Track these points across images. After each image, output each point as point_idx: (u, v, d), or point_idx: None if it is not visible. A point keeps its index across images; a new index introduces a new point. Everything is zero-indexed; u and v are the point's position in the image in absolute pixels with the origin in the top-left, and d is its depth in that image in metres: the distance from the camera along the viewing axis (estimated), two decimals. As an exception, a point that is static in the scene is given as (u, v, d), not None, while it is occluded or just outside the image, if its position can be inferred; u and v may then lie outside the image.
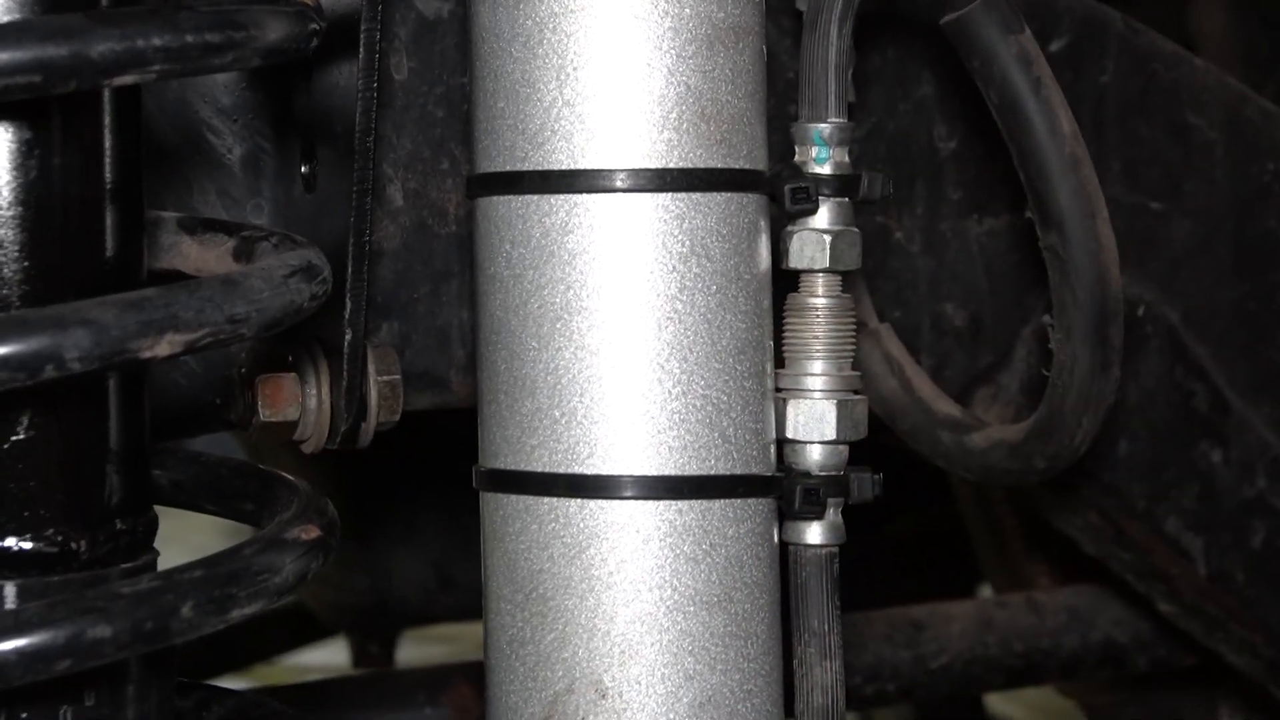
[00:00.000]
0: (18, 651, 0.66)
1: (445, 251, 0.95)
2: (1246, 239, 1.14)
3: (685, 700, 0.80)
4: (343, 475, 1.09)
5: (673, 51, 0.80)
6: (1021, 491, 1.20)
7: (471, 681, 1.24)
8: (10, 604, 0.71)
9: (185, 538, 0.83)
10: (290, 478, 0.82)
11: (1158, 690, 1.53)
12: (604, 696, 0.80)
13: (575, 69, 0.80)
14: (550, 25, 0.80)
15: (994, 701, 2.56)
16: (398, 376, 0.90)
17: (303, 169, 0.92)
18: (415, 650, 1.74)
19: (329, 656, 1.64)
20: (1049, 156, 0.91)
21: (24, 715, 0.71)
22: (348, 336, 0.85)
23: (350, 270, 0.83)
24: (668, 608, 0.80)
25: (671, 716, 0.80)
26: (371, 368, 0.89)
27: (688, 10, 0.80)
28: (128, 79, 0.69)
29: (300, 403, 0.89)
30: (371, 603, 1.59)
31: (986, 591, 1.73)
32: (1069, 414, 0.94)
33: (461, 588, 1.52)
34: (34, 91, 0.67)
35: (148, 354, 0.67)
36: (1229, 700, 1.50)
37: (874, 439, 0.88)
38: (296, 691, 1.27)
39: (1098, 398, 0.93)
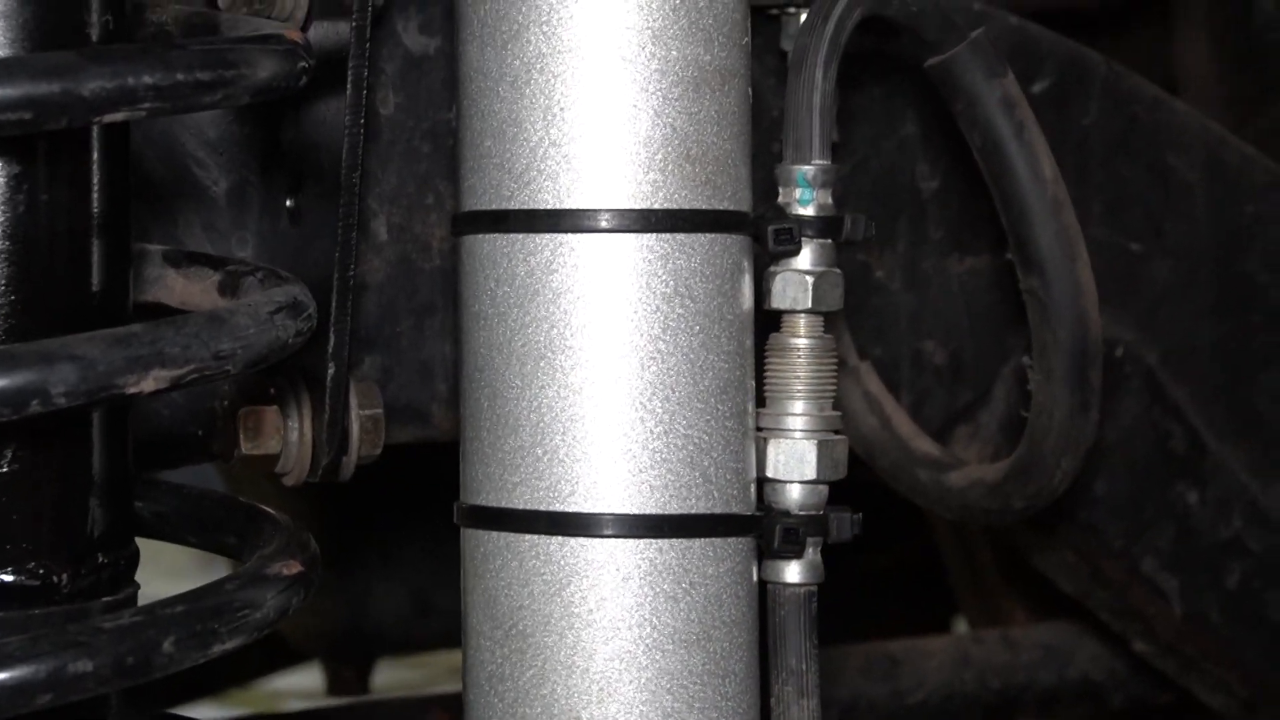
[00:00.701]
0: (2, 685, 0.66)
1: (429, 286, 0.95)
2: (1226, 281, 1.15)
3: None
4: (323, 503, 1.09)
5: (659, 93, 0.80)
6: (999, 529, 1.19)
7: (449, 711, 1.24)
8: None
9: (158, 559, 0.83)
10: (272, 512, 0.82)
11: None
12: None
13: (562, 109, 0.80)
14: (538, 66, 0.80)
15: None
16: (380, 410, 0.90)
17: (288, 203, 0.92)
18: (390, 676, 1.73)
19: (304, 681, 1.64)
20: (1031, 200, 0.91)
21: None
22: (331, 370, 0.85)
23: (335, 304, 0.83)
24: (646, 646, 0.80)
25: None
26: (354, 401, 0.89)
27: (674, 53, 0.80)
28: (118, 116, 0.69)
29: (282, 436, 0.89)
30: (347, 629, 1.59)
31: (962, 626, 1.73)
32: (1048, 455, 0.94)
33: (438, 615, 1.52)
34: (25, 128, 0.67)
35: (133, 390, 0.67)
36: None
37: (853, 475, 0.89)
38: None
39: (1077, 439, 0.94)
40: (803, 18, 0.88)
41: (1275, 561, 1.17)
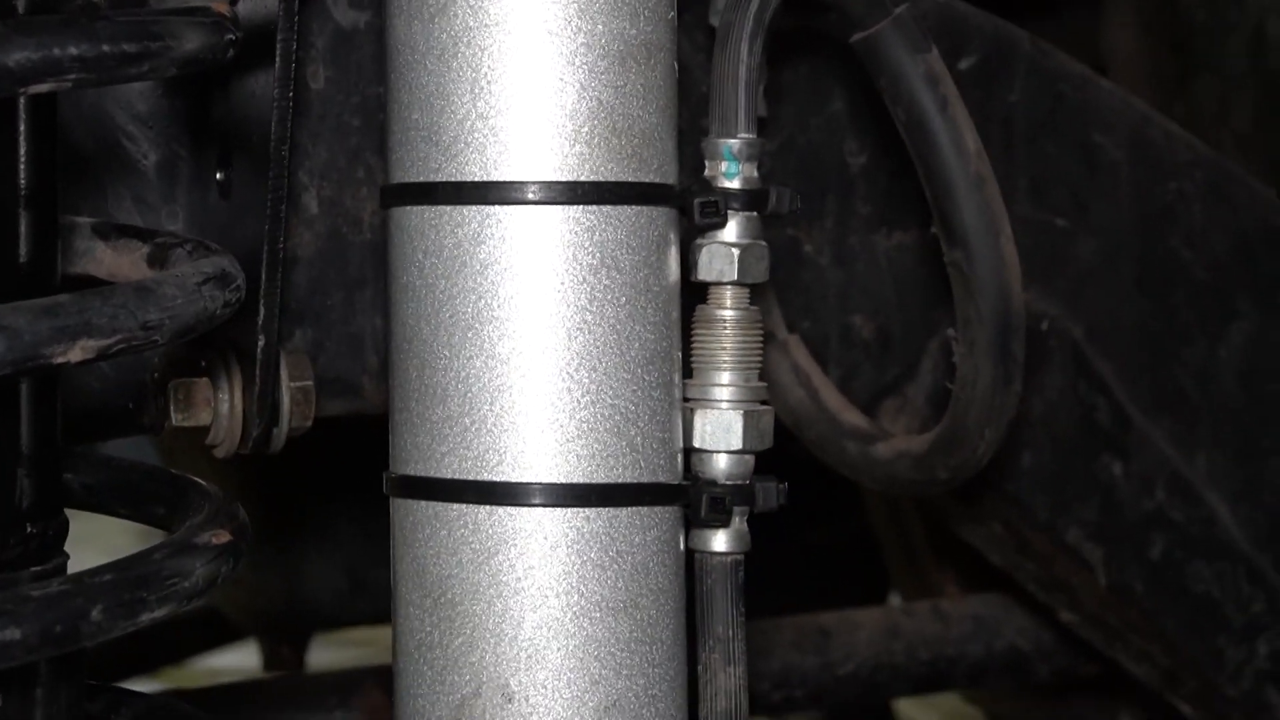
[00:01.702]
0: None
1: (359, 259, 0.95)
2: (1150, 257, 1.15)
3: (590, 705, 0.80)
4: (256, 479, 1.09)
5: (585, 67, 0.80)
6: (929, 502, 1.21)
7: (383, 685, 1.23)
8: None
9: (103, 539, 0.83)
10: (202, 482, 0.82)
11: (1060, 698, 1.55)
12: (510, 701, 0.80)
13: (489, 82, 0.80)
14: (465, 39, 0.80)
15: (903, 707, 2.58)
16: (310, 382, 0.90)
17: (218, 176, 0.92)
18: (327, 654, 1.74)
19: (240, 660, 1.64)
20: (954, 175, 0.92)
21: None
22: (261, 342, 0.85)
23: (265, 277, 0.83)
24: (574, 613, 0.80)
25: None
26: (285, 373, 0.89)
27: (600, 27, 0.80)
28: (44, 88, 0.69)
29: (213, 407, 0.89)
30: (283, 606, 1.58)
31: (894, 598, 1.74)
32: (972, 426, 0.95)
33: (374, 592, 1.51)
34: None
35: (60, 360, 0.68)
36: (1129, 709, 1.51)
37: (784, 449, 0.89)
38: (207, 694, 1.26)
39: (1000, 411, 0.94)
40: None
41: (1197, 533, 1.17)
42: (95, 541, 0.86)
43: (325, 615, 1.64)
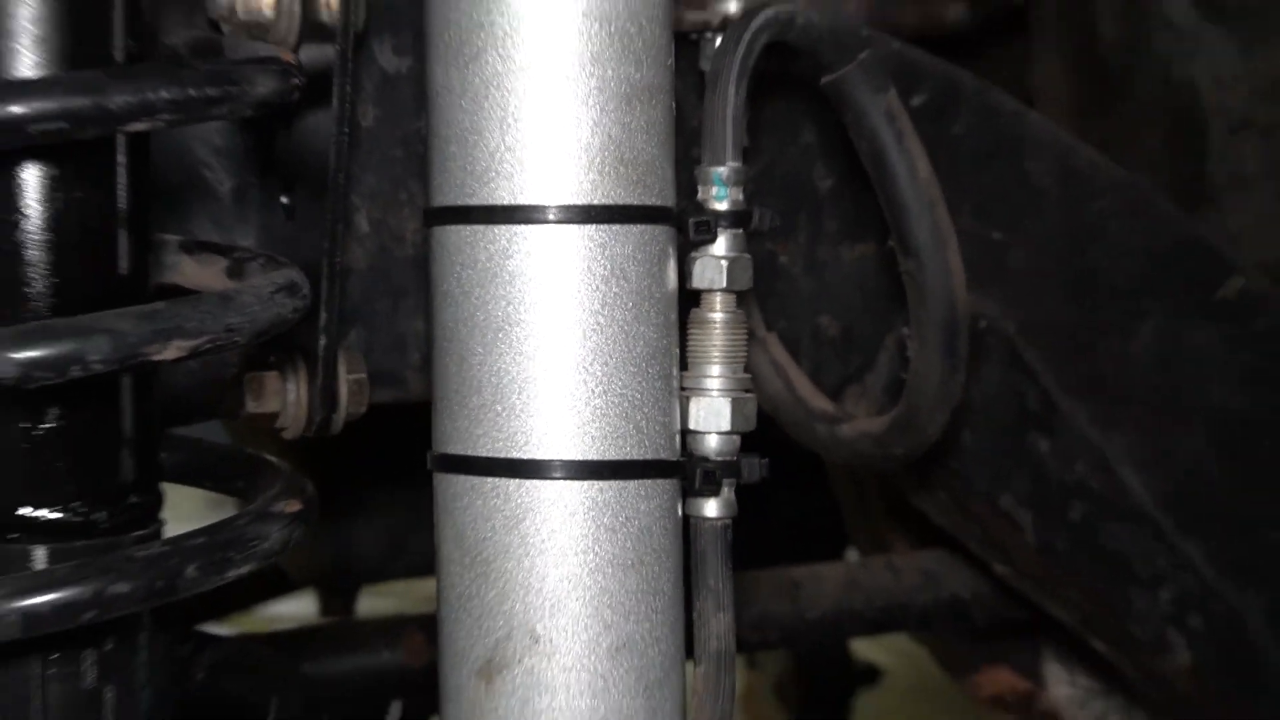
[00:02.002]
0: (49, 605, 0.67)
1: (403, 271, 0.94)
2: (1074, 266, 1.16)
3: (604, 645, 0.81)
4: (312, 457, 1.09)
5: (598, 107, 0.80)
6: (884, 473, 1.22)
7: (423, 630, 1.23)
8: (41, 565, 0.72)
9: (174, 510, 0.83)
10: (275, 460, 0.84)
11: (994, 639, 1.55)
12: (537, 642, 0.80)
13: (516, 120, 0.80)
14: (495, 83, 0.80)
15: (860, 647, 2.57)
16: (364, 375, 0.90)
17: (283, 200, 0.92)
18: (371, 603, 1.74)
19: (298, 608, 1.64)
20: (909, 198, 0.92)
21: (54, 658, 0.72)
22: (322, 342, 0.85)
23: (325, 286, 0.84)
24: (590, 569, 0.81)
25: (593, 659, 0.80)
26: (342, 368, 0.89)
27: (610, 72, 0.80)
28: (139, 127, 0.70)
29: (282, 397, 0.89)
30: (335, 562, 1.58)
31: (853, 555, 1.73)
32: (923, 410, 0.96)
33: (410, 551, 1.51)
34: (61, 136, 0.68)
35: (157, 357, 0.69)
36: (1052, 647, 1.52)
37: (764, 430, 0.90)
38: (273, 638, 1.26)
39: (947, 397, 0.95)
40: (718, 42, 0.89)
41: (1111, 499, 1.18)
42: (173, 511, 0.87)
43: (370, 570, 1.63)
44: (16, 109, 0.66)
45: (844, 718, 2.73)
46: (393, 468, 1.05)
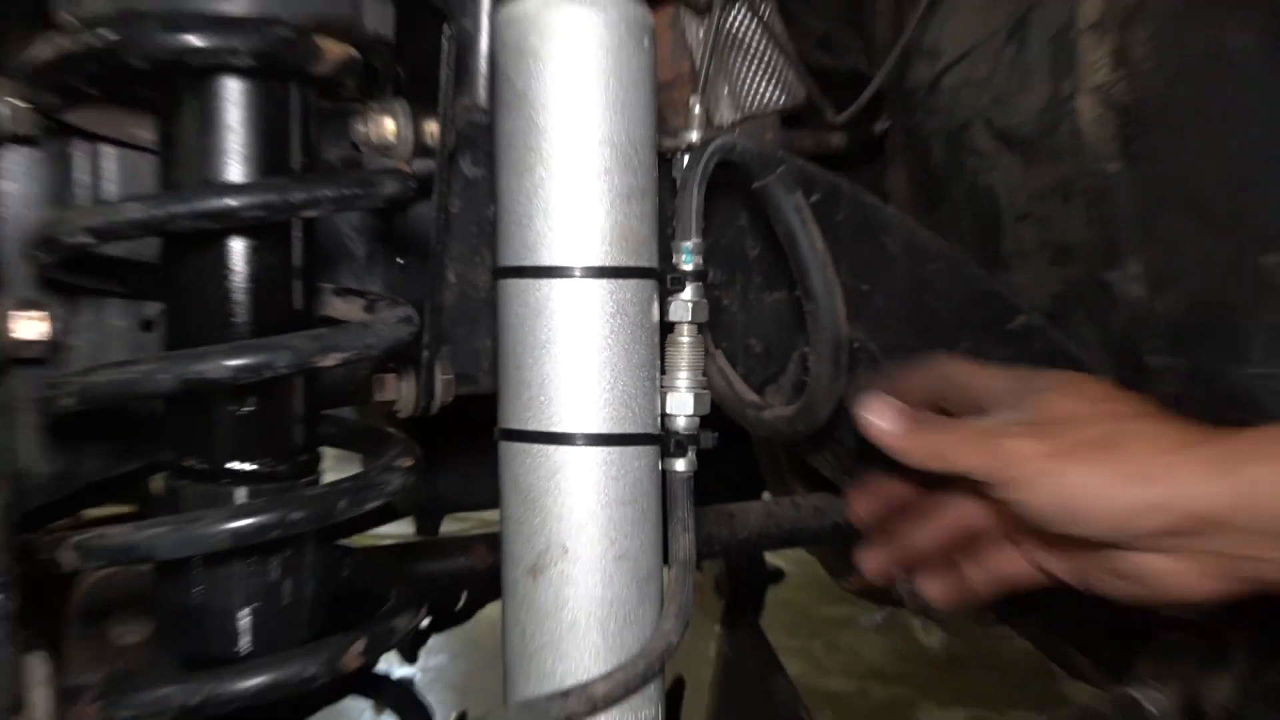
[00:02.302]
0: (249, 526, 0.68)
1: (477, 308, 0.94)
2: (915, 306, 1.15)
3: (611, 555, 0.80)
4: (416, 428, 1.10)
5: (609, 202, 0.80)
6: (790, 442, 1.20)
7: (486, 543, 1.22)
8: (243, 500, 0.72)
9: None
10: (394, 431, 0.84)
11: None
12: (566, 552, 0.80)
13: (556, 210, 0.80)
14: (542, 186, 0.80)
15: (771, 557, 2.57)
16: (451, 377, 0.91)
17: (399, 261, 0.92)
18: (448, 526, 1.74)
19: (400, 529, 1.64)
20: (809, 262, 0.92)
21: (251, 561, 0.72)
22: (425, 354, 0.86)
23: (427, 318, 0.84)
24: (601, 505, 0.80)
25: (603, 563, 0.80)
26: (438, 372, 0.89)
27: (616, 180, 0.80)
28: (310, 213, 0.71)
29: (398, 390, 0.89)
30: (426, 498, 1.57)
31: (767, 496, 1.73)
32: (818, 403, 0.96)
33: (477, 490, 1.50)
34: (259, 219, 0.69)
35: (320, 365, 0.70)
36: None
37: (715, 415, 0.90)
38: (384, 549, 1.26)
39: (833, 394, 0.95)
40: (685, 160, 0.89)
41: (833, 464, 1.18)
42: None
43: (449, 504, 1.63)
44: (232, 202, 0.67)
45: (759, 604, 2.73)
46: (465, 436, 1.05)
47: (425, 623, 1.64)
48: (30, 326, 0.76)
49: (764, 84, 1.32)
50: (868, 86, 1.54)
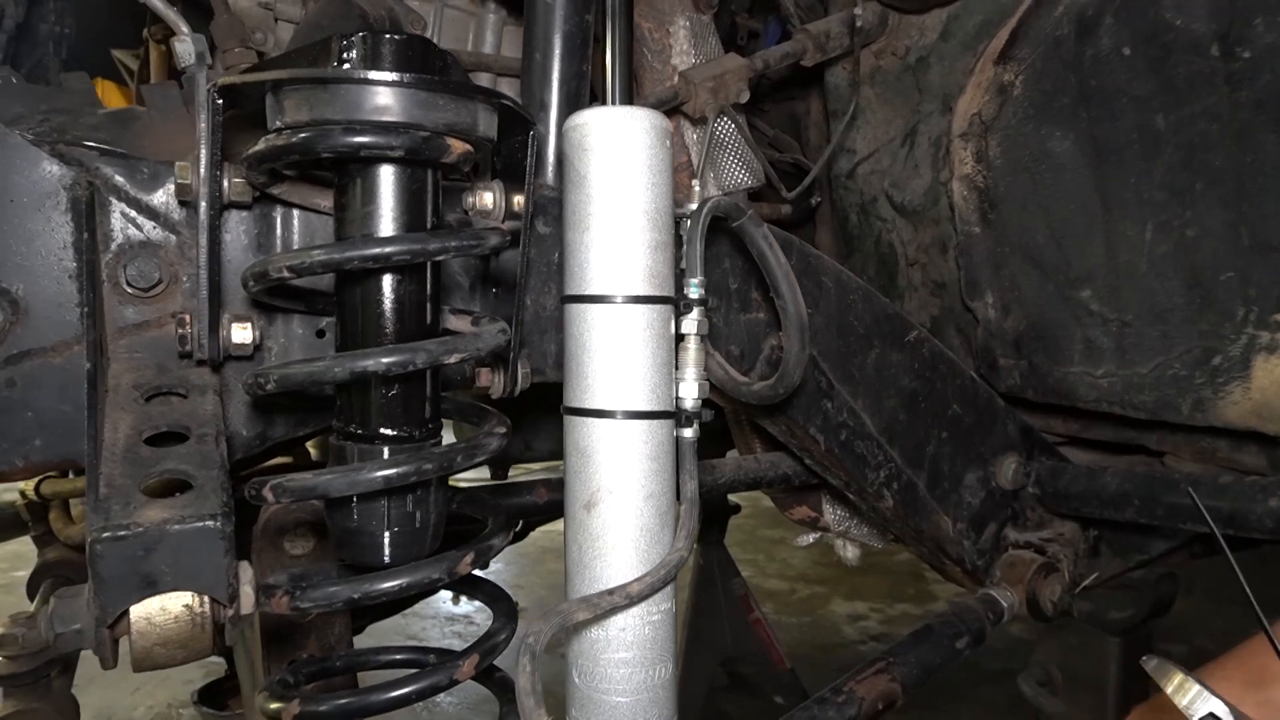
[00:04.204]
0: (396, 473, 0.66)
1: (545, 323, 0.93)
2: (842, 323, 1.14)
3: (642, 494, 0.79)
4: (500, 405, 1.08)
5: (641, 251, 0.79)
6: (752, 412, 1.15)
7: (546, 485, 1.21)
8: (387, 456, 0.70)
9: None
10: (490, 408, 0.82)
11: (799, 492, 1.50)
12: (612, 493, 0.78)
13: (608, 255, 0.78)
14: (596, 240, 0.78)
15: (734, 497, 2.56)
16: (528, 370, 0.89)
17: (493, 290, 0.91)
18: (514, 472, 1.73)
19: (477, 474, 1.63)
20: (777, 271, 0.91)
21: (394, 498, 0.71)
22: (511, 354, 0.84)
23: (514, 330, 0.82)
24: (635, 459, 0.79)
25: (637, 500, 0.78)
26: (519, 367, 0.87)
27: (649, 235, 0.79)
28: (439, 258, 0.70)
29: (491, 379, 0.88)
30: (499, 454, 1.55)
31: (734, 454, 1.71)
32: (790, 369, 0.93)
33: (535, 449, 1.50)
34: (404, 263, 0.68)
35: (446, 361, 0.68)
36: (827, 496, 1.50)
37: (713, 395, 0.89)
38: (477, 489, 1.24)
39: (801, 361, 0.93)
40: (688, 223, 0.87)
41: (857, 429, 1.15)
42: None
43: (515, 458, 1.60)
44: (385, 250, 0.66)
45: (723, 528, 2.73)
46: (530, 410, 1.03)
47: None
48: (241, 333, 0.75)
49: (738, 170, 1.32)
50: (805, 174, 1.54)
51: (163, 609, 0.59)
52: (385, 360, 0.65)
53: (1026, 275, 1.27)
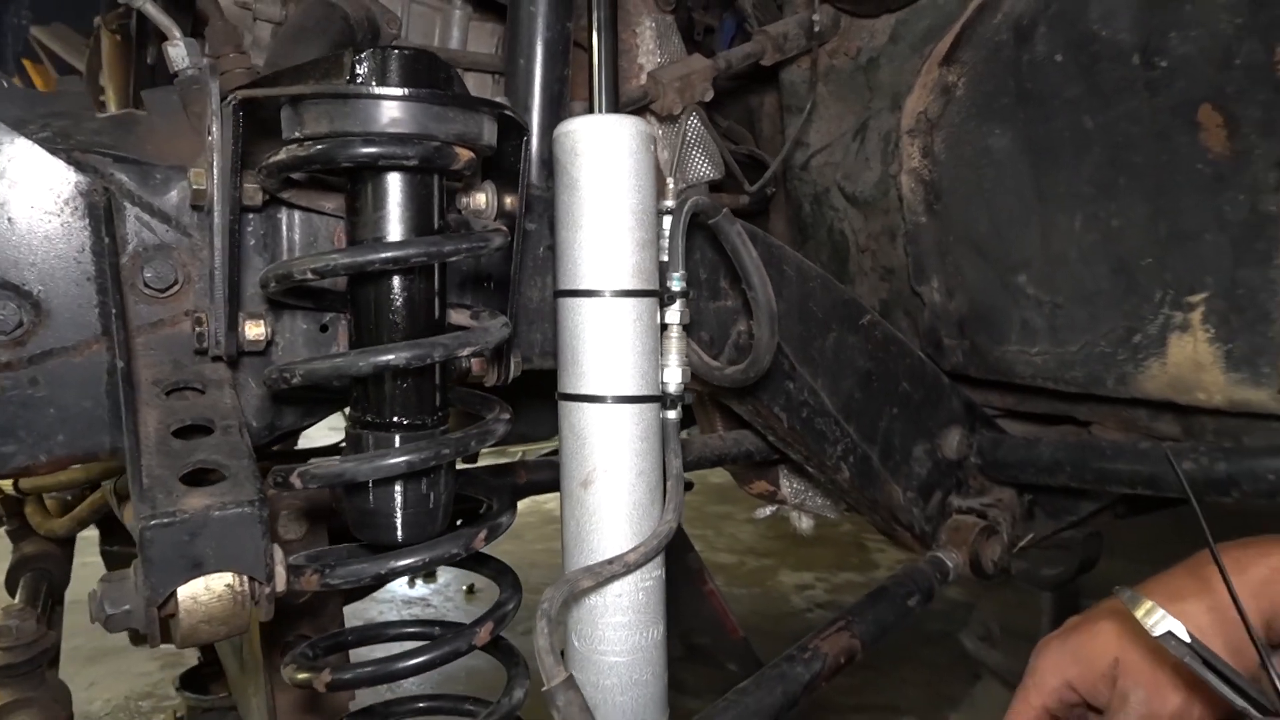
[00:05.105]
0: (418, 458, 0.69)
1: (534, 314, 0.95)
2: (802, 309, 1.18)
3: (634, 472, 0.83)
4: (499, 392, 1.09)
5: (629, 247, 0.83)
6: (720, 393, 1.17)
7: (524, 468, 1.22)
8: (399, 444, 0.73)
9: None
10: (493, 396, 0.85)
11: (758, 468, 1.56)
12: (607, 471, 0.82)
13: (598, 251, 0.82)
14: (588, 238, 0.82)
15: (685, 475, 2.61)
16: (519, 359, 0.92)
17: (487, 284, 0.92)
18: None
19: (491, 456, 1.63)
20: (749, 264, 0.94)
21: (411, 479, 0.73)
22: (506, 347, 0.88)
23: (511, 321, 0.86)
24: (626, 440, 0.83)
25: (629, 477, 0.82)
26: (512, 356, 0.91)
27: (635, 233, 0.83)
28: (445, 259, 0.72)
29: (485, 368, 0.90)
30: (511, 434, 1.55)
31: (695, 432, 1.73)
32: (760, 356, 0.97)
33: (544, 429, 1.44)
34: (415, 264, 0.71)
35: (459, 355, 0.72)
36: (784, 471, 1.56)
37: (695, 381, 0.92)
38: (474, 470, 1.26)
39: (770, 347, 0.96)
40: (669, 216, 0.91)
41: (817, 408, 1.21)
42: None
43: (525, 438, 1.58)
44: (404, 252, 0.69)
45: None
46: (529, 394, 1.05)
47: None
48: (255, 330, 0.78)
49: (702, 163, 1.38)
50: (758, 165, 1.60)
51: (207, 588, 0.63)
52: (406, 354, 0.68)
53: (969, 262, 1.35)
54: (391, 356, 0.68)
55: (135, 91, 1.14)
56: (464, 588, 4.06)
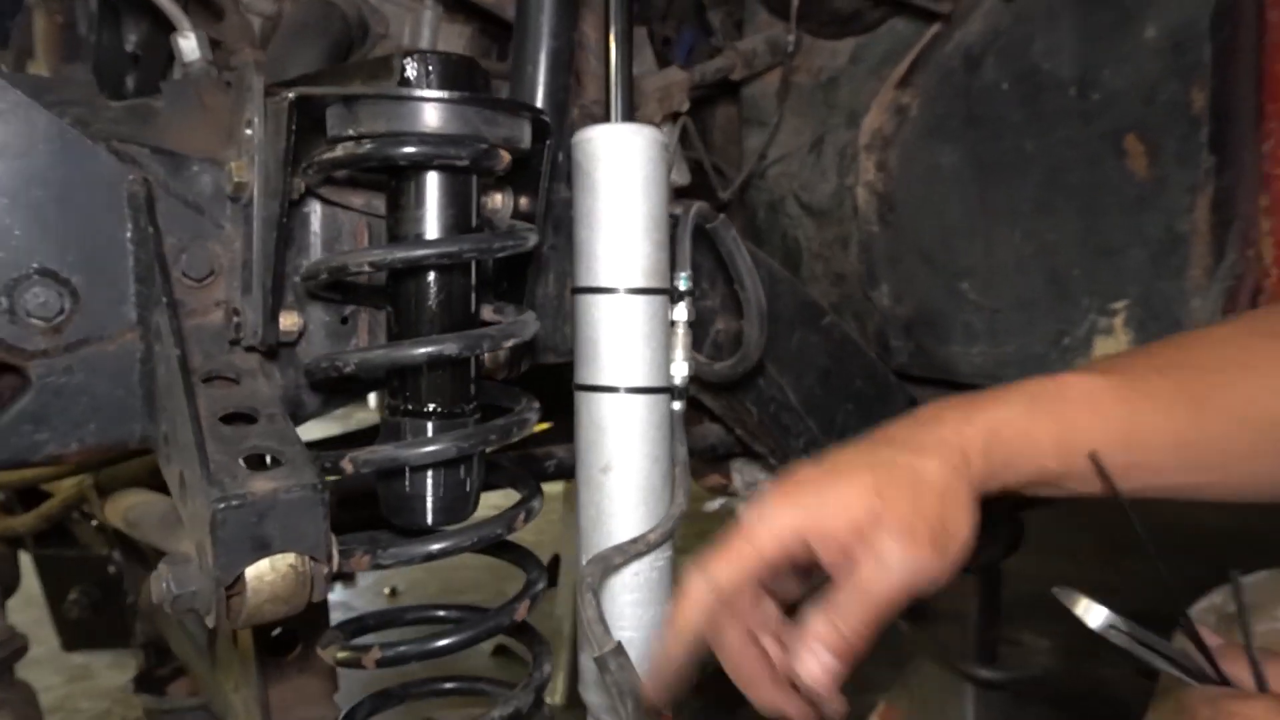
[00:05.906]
0: (466, 444, 0.73)
1: (542, 309, 0.98)
2: (773, 309, 1.16)
3: (648, 459, 0.86)
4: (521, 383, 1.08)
5: (644, 246, 0.86)
6: (724, 388, 1.19)
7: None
8: (432, 432, 0.75)
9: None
10: (518, 390, 0.87)
11: (713, 462, 1.58)
12: (625, 458, 0.86)
13: (616, 247, 0.86)
14: (602, 234, 0.86)
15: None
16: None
17: (505, 282, 0.95)
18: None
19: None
20: (743, 266, 0.98)
21: (443, 465, 0.76)
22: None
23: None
24: (639, 429, 0.86)
25: (644, 464, 0.86)
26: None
27: (649, 236, 0.87)
28: (476, 257, 0.75)
29: (496, 364, 0.92)
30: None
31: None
32: (750, 352, 1.01)
33: (562, 419, 1.43)
34: (448, 262, 0.73)
35: (504, 346, 0.75)
36: (738, 464, 1.57)
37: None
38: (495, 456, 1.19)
39: (759, 345, 1.00)
40: (677, 222, 0.94)
41: (783, 402, 1.25)
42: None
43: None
44: (431, 250, 0.71)
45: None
46: (545, 384, 1.06)
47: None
48: (290, 321, 0.80)
49: (674, 170, 1.43)
50: (717, 173, 1.67)
51: (272, 568, 0.65)
52: (456, 345, 0.71)
53: (918, 269, 1.46)
54: (444, 347, 0.71)
55: (98, 78, 1.11)
56: (385, 590, 4.00)
